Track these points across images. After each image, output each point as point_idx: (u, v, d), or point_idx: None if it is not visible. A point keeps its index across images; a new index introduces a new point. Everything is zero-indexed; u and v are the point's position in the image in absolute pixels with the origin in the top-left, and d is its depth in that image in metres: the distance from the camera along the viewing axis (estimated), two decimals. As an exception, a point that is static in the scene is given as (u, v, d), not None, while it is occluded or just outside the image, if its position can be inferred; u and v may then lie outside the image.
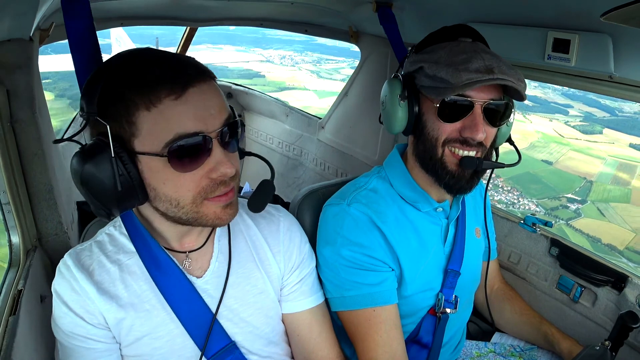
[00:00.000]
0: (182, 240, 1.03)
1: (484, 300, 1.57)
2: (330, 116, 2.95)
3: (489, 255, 1.51)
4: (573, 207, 23.29)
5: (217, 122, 0.85)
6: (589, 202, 24.00)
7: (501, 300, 1.62)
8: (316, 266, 1.26)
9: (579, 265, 1.62)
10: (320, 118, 3.10)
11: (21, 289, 1.19)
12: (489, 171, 1.25)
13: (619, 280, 1.51)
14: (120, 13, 2.26)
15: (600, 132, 31.79)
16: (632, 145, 30.13)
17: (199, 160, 0.84)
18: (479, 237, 1.45)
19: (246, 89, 3.77)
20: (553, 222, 1.78)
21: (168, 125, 0.81)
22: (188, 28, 3.20)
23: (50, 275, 1.41)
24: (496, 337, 1.63)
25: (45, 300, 1.31)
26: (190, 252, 1.05)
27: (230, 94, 3.80)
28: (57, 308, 0.99)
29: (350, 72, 2.77)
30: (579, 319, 1.63)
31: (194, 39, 3.36)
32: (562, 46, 1.36)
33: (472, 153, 1.15)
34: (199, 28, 3.28)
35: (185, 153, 0.82)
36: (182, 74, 0.83)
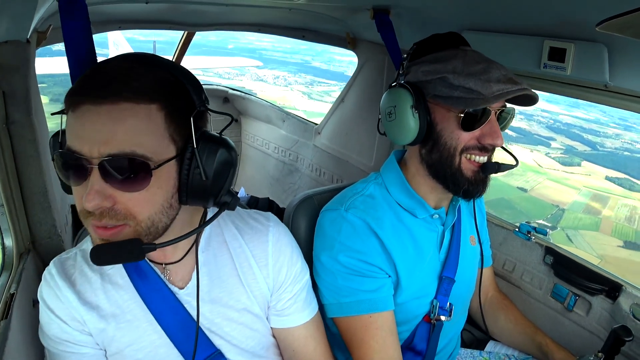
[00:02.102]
0: (158, 252, 0.99)
1: (478, 308, 1.56)
2: (327, 122, 2.95)
3: (481, 262, 1.51)
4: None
5: (97, 151, 0.77)
6: (559, 228, 24.82)
7: (496, 308, 1.61)
8: (312, 272, 1.25)
9: (574, 274, 1.62)
10: (316, 124, 3.10)
11: (13, 293, 1.18)
12: None
13: (613, 289, 1.52)
14: (119, 17, 2.25)
15: (579, 164, 32.97)
16: (608, 178, 31.20)
17: (77, 179, 0.81)
18: (474, 245, 1.45)
19: (243, 94, 3.77)
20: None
21: (67, 132, 0.81)
22: (185, 33, 3.21)
23: None
24: (490, 345, 1.63)
25: (37, 304, 1.30)
26: (167, 264, 1.02)
27: (227, 98, 3.80)
28: (44, 315, 0.98)
29: None
30: (573, 327, 1.63)
31: (190, 51, 3.37)
32: (557, 55, 1.37)
33: (486, 158, 1.17)
34: (196, 44, 3.30)
35: (66, 168, 0.81)
36: (89, 90, 0.78)
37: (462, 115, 1.13)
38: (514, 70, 1.52)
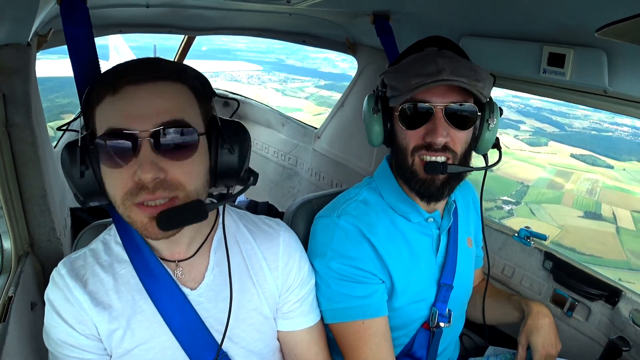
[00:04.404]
0: (171, 249, 1.02)
1: (478, 311, 1.54)
2: (326, 126, 2.96)
3: (488, 264, 1.50)
4: (507, 207, 24.76)
5: (150, 123, 0.83)
6: (522, 203, 25.49)
7: (475, 292, 1.57)
8: None
9: (573, 279, 1.62)
10: (316, 128, 3.11)
11: (11, 296, 1.18)
12: (479, 177, 1.25)
13: (612, 295, 1.51)
14: (119, 20, 2.27)
15: (546, 144, 33.43)
16: (572, 155, 31.89)
17: (125, 158, 0.84)
18: (470, 247, 1.45)
19: (243, 98, 3.79)
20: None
21: (104, 119, 0.85)
22: (186, 37, 3.22)
23: (41, 282, 1.39)
24: (490, 350, 1.62)
25: (35, 307, 1.30)
26: (179, 261, 1.03)
27: (227, 102, 3.81)
28: (50, 317, 0.97)
29: (314, 90, 2.82)
30: (572, 333, 1.62)
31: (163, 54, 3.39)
32: (557, 61, 1.37)
33: (440, 158, 1.14)
34: (170, 47, 3.32)
35: (111, 148, 0.84)
36: (126, 74, 0.86)
37: (397, 113, 1.15)
38: (513, 75, 1.53)
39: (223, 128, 0.93)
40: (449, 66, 1.08)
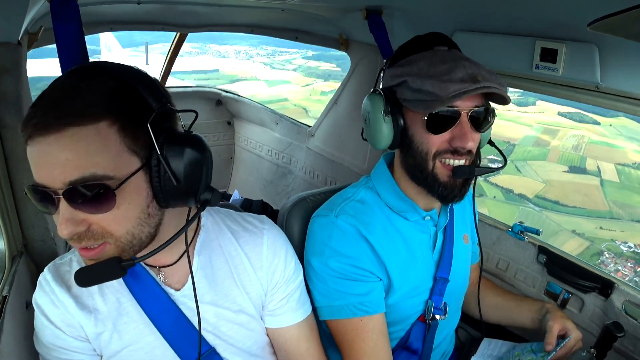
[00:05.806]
0: (153, 257, 0.99)
1: (474, 304, 1.56)
2: (320, 124, 2.95)
3: (481, 258, 1.51)
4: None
5: (58, 181, 0.75)
6: (508, 161, 25.66)
7: (482, 289, 1.59)
8: (304, 276, 1.25)
9: (566, 272, 1.63)
10: (310, 126, 3.11)
11: (6, 295, 1.17)
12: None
13: (605, 287, 1.53)
14: (110, 18, 2.24)
15: (534, 104, 33.17)
16: (560, 113, 31.85)
17: (50, 209, 0.80)
18: (467, 244, 1.46)
19: (236, 96, 3.77)
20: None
21: (31, 168, 0.79)
22: (178, 34, 3.20)
23: (35, 281, 1.39)
24: (485, 343, 1.63)
25: (30, 306, 1.29)
26: (161, 267, 1.02)
27: (220, 101, 3.80)
28: (38, 320, 0.97)
29: (302, 62, 2.80)
30: None
31: (149, 39, 3.35)
32: (549, 56, 1.38)
33: (462, 162, 1.14)
34: (154, 33, 3.29)
35: (37, 200, 0.80)
36: (34, 122, 0.75)
37: (425, 118, 1.12)
38: (505, 71, 1.54)
39: (171, 148, 0.82)
40: (478, 72, 1.07)
